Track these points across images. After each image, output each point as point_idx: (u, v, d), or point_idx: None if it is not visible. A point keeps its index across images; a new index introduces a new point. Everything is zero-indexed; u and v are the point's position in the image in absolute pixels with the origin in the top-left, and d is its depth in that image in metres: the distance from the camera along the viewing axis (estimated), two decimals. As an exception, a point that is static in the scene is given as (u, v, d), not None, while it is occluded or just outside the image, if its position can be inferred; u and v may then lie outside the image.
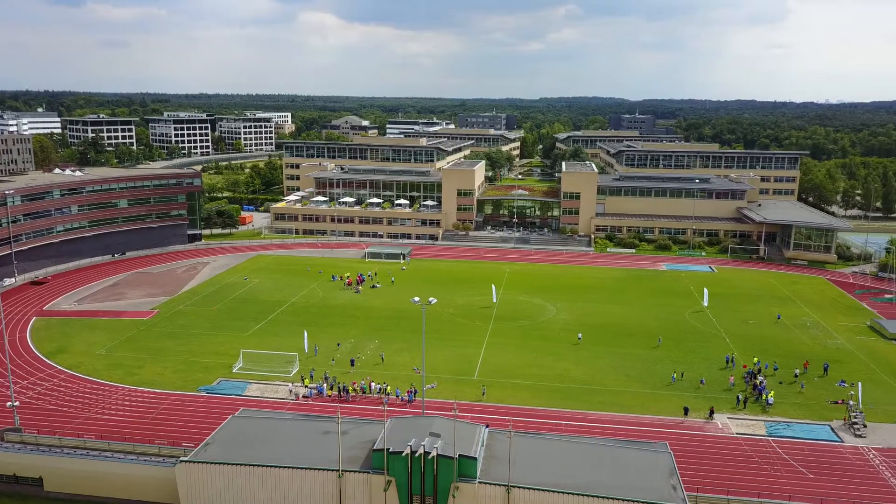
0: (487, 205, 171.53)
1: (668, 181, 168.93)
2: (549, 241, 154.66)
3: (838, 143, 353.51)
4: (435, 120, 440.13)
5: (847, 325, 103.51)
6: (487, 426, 57.13)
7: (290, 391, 76.63)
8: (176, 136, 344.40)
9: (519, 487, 48.29)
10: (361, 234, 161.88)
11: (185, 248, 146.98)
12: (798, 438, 69.28)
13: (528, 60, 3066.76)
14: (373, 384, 78.34)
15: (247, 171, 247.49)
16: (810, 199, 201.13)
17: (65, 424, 69.45)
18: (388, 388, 77.59)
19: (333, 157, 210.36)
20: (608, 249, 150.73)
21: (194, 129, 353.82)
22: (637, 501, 46.70)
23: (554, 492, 47.88)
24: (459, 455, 48.58)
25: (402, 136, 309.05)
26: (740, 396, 76.55)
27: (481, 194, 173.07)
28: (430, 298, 70.62)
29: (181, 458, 52.38)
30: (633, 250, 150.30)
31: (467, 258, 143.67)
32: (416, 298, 68.73)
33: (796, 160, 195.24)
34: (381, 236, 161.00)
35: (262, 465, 50.75)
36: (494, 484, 48.67)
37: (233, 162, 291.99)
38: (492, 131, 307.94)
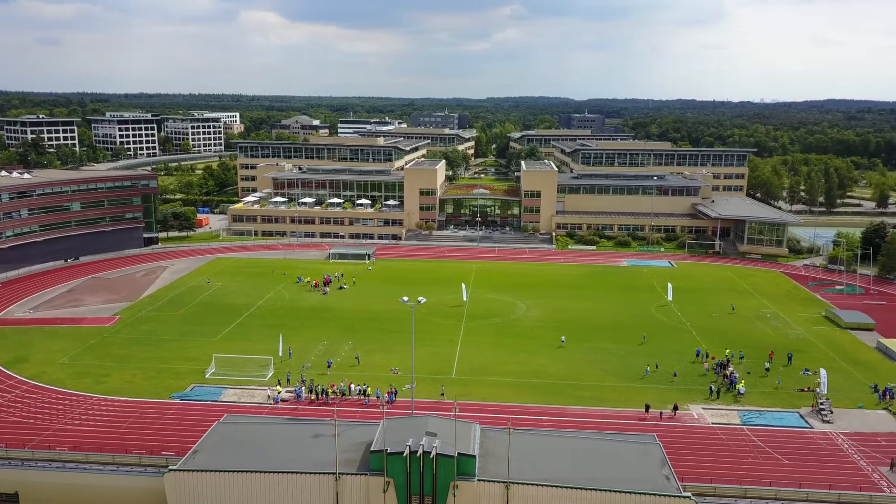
0: (448, 204, 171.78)
1: (625, 179, 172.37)
2: (511, 240, 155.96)
3: (778, 141, 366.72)
4: (387, 119, 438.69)
5: (804, 315, 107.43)
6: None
7: (269, 395, 75.28)
8: (121, 136, 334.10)
9: (518, 483, 48.61)
10: (322, 235, 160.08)
11: (141, 251, 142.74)
12: (770, 426, 71.57)
13: (474, 60, 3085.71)
14: (352, 386, 77.63)
15: (198, 172, 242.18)
16: (758, 195, 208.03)
17: (33, 437, 66.58)
18: (368, 389, 76.98)
19: (289, 157, 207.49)
20: (569, 247, 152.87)
21: (140, 129, 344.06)
22: (634, 493, 47.57)
23: (552, 486, 48.38)
24: (459, 453, 48.61)
25: (356, 135, 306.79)
26: (713, 387, 78.71)
27: (443, 194, 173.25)
28: (420, 298, 70.48)
29: (170, 467, 50.95)
30: (594, 247, 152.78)
31: (432, 257, 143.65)
32: (405, 298, 68.41)
33: (744, 157, 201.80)
34: (342, 237, 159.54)
35: (256, 472, 49.78)
36: (493, 481, 48.91)
37: (182, 163, 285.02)
38: (447, 130, 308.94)
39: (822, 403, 74.23)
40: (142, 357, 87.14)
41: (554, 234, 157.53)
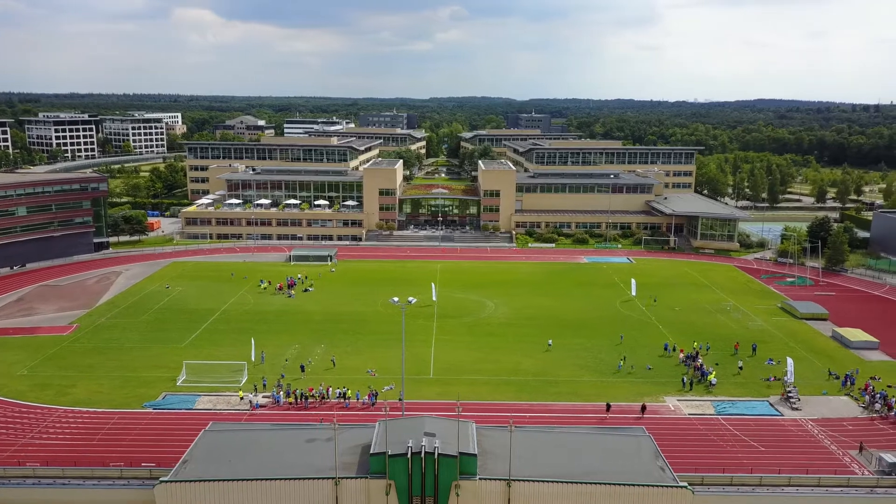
0: (407, 204, 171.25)
1: (581, 178, 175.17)
2: (472, 239, 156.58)
3: (718, 139, 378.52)
4: (335, 119, 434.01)
5: (761, 307, 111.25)
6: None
7: (249, 401, 73.60)
8: (57, 138, 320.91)
9: (519, 480, 48.82)
10: (279, 237, 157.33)
11: (92, 257, 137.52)
12: (743, 415, 73.83)
13: (416, 60, 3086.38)
14: (330, 389, 76.60)
15: (143, 174, 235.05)
16: (705, 191, 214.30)
17: (-1, 453, 63.54)
18: (349, 392, 76.09)
19: (240, 158, 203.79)
20: (529, 245, 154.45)
21: (77, 130, 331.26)
22: (635, 485, 48.39)
23: (553, 482, 48.76)
24: (461, 453, 48.52)
25: (305, 135, 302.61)
26: (685, 379, 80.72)
27: (402, 194, 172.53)
28: (410, 298, 70.22)
29: (161, 479, 49.22)
30: (553, 245, 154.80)
31: (395, 258, 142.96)
32: (395, 298, 67.87)
33: (692, 155, 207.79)
34: (300, 238, 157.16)
35: (253, 480, 48.59)
36: (494, 479, 48.98)
37: (125, 165, 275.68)
38: (398, 130, 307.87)
39: (789, 392, 77.03)
40: (107, 366, 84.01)
41: (514, 232, 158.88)
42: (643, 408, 73.00)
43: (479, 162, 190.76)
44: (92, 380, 79.96)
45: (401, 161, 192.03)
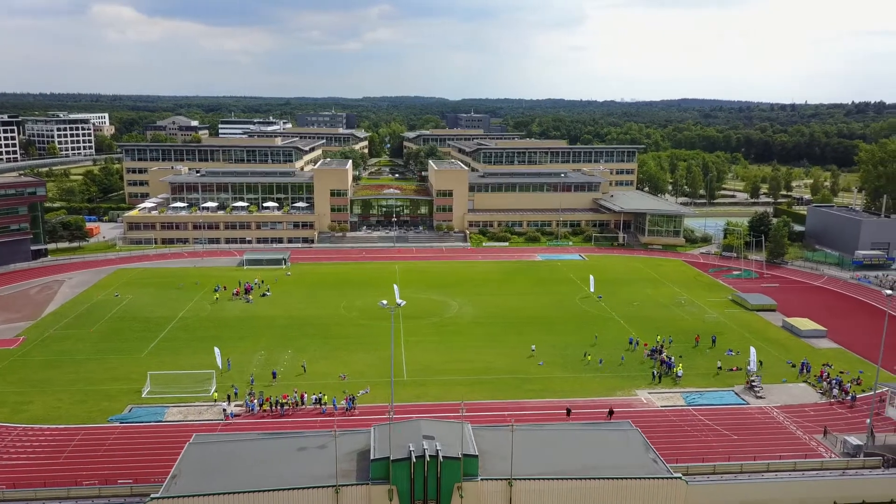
0: (357, 205, 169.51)
1: (531, 177, 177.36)
2: (427, 239, 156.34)
3: (651, 138, 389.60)
4: (271, 119, 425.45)
5: (713, 300, 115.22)
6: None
7: (223, 410, 71.40)
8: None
9: (520, 479, 49.11)
10: (228, 241, 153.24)
11: (30, 265, 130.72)
12: (712, 405, 76.31)
13: (348, 59, 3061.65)
14: (305, 395, 75.12)
15: (74, 177, 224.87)
16: (646, 188, 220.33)
17: (-43, 477, 59.65)
18: (325, 397, 74.80)
19: (181, 160, 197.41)
20: (484, 244, 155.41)
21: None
22: (633, 478, 49.38)
23: (554, 479, 49.26)
24: (463, 454, 48.42)
25: (244, 136, 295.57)
26: (655, 372, 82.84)
27: (353, 194, 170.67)
28: (399, 300, 69.48)
29: (152, 496, 47.24)
30: (507, 243, 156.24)
31: (351, 259, 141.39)
32: (384, 301, 66.97)
33: (633, 154, 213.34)
34: (249, 242, 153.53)
35: (251, 492, 47.20)
36: (496, 479, 49.12)
37: (53, 168, 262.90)
38: (341, 130, 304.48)
39: (753, 381, 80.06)
40: (63, 380, 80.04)
41: (467, 232, 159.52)
42: (610, 412, 72.00)
43: (430, 162, 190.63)
44: (49, 395, 76.05)
45: (350, 161, 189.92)
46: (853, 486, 54.36)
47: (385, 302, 66.61)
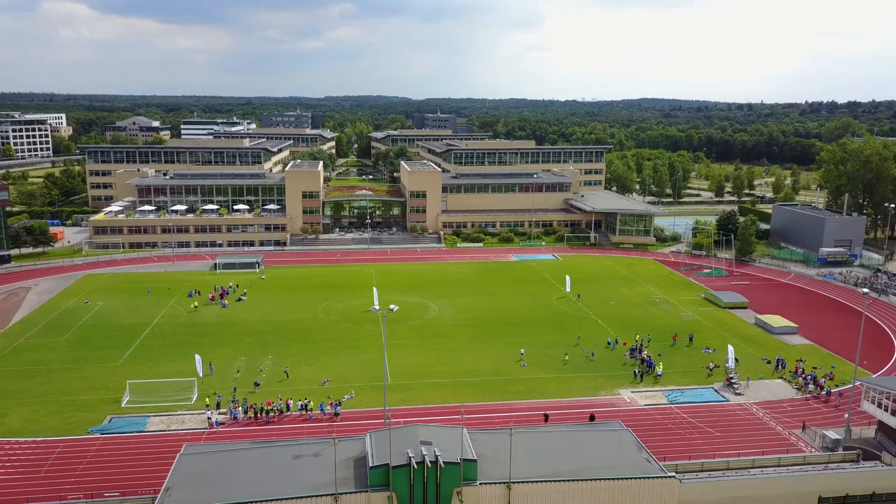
0: (328, 206, 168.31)
1: (503, 177, 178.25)
2: (401, 240, 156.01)
3: (615, 137, 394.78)
4: (235, 119, 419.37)
5: (687, 298, 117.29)
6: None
7: (208, 418, 70.27)
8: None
9: (519, 482, 49.33)
10: (198, 245, 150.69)
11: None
12: (694, 402, 77.73)
13: (309, 58, 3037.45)
14: (290, 402, 74.37)
15: (33, 180, 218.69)
16: (614, 188, 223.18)
17: (-67, 495, 57.67)
18: (310, 403, 74.14)
19: (146, 162, 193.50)
20: (458, 245, 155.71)
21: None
22: (629, 478, 50.01)
23: (552, 482, 49.59)
24: (462, 459, 48.47)
25: (210, 137, 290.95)
26: (637, 371, 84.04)
27: (324, 196, 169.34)
28: (392, 306, 69.15)
29: (147, 510, 46.27)
30: (481, 244, 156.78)
31: (325, 262, 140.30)
32: (376, 307, 66.60)
33: (601, 154, 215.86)
34: (220, 245, 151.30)
35: (249, 502, 46.51)
36: (495, 483, 49.25)
37: (10, 171, 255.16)
38: (308, 130, 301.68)
39: (731, 378, 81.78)
40: (38, 391, 77.89)
41: (441, 233, 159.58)
42: (591, 417, 71.82)
43: (403, 163, 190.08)
44: (24, 406, 73.95)
45: (321, 162, 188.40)
46: (837, 479, 55.92)
47: (377, 307, 66.29)
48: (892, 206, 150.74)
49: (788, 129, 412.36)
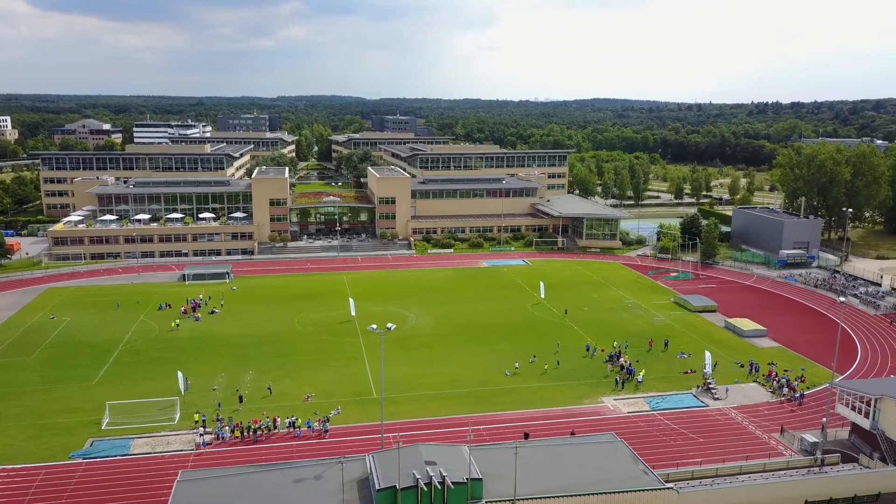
0: (294, 213, 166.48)
1: (470, 182, 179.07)
2: (371, 247, 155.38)
3: (573, 139, 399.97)
4: (190, 122, 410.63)
5: (657, 303, 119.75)
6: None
7: (201, 435, 68.95)
8: None
9: (524, 499, 49.90)
10: (163, 254, 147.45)
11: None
12: (675, 409, 79.49)
13: (261, 57, 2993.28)
14: (278, 419, 73.52)
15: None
16: (577, 191, 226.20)
17: (-88, 530, 55.40)
18: (298, 420, 73.45)
19: (104, 168, 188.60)
20: (429, 251, 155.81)
21: None
22: (630, 491, 51.07)
23: (555, 497, 50.29)
24: (468, 478, 48.78)
25: (167, 141, 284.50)
26: (618, 378, 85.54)
27: (291, 202, 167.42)
28: (389, 325, 68.94)
29: (151, 542, 45.30)
30: (451, 250, 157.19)
31: (296, 271, 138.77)
32: (374, 326, 66.23)
33: (565, 157, 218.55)
34: (185, 254, 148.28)
35: (256, 530, 46.04)
36: (501, 501, 49.71)
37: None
38: (267, 134, 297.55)
39: (709, 383, 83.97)
40: (10, 414, 75.36)
41: (412, 239, 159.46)
42: (572, 433, 71.27)
43: (371, 169, 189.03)
44: (-1, 432, 71.48)
45: (287, 168, 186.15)
46: (822, 483, 58.02)
47: (374, 326, 66.09)
48: (848, 209, 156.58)
49: (739, 130, 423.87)
